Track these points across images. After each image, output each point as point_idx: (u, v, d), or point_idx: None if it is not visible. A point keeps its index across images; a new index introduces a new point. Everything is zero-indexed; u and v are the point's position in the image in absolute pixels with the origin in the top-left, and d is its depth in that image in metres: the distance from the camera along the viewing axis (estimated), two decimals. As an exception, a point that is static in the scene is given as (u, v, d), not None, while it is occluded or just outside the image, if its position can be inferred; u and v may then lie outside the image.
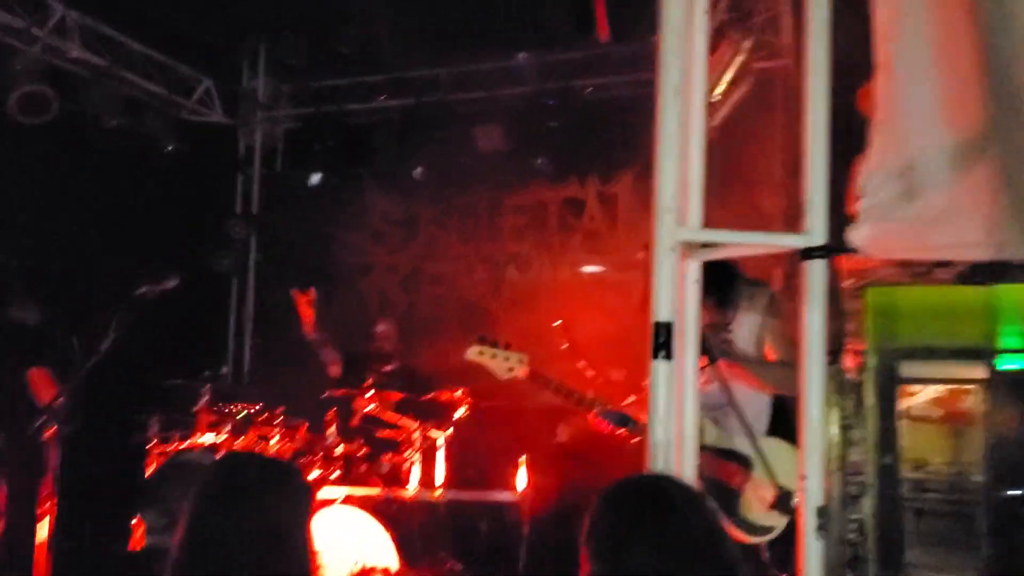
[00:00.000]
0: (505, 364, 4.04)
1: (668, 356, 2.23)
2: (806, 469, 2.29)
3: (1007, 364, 7.66)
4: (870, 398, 6.30)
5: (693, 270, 2.48)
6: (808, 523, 2.26)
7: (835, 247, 2.22)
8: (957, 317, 6.40)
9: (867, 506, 6.12)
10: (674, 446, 2.29)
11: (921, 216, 2.14)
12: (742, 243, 2.40)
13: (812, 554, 2.25)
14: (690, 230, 2.35)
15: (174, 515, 2.58)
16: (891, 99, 2.16)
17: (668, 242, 2.27)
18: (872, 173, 2.19)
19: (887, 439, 7.08)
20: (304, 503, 1.96)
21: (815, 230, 2.26)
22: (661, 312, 2.25)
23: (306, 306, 6.07)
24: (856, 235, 2.21)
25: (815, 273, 2.26)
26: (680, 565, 1.53)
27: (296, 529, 1.90)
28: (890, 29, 2.16)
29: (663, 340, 2.22)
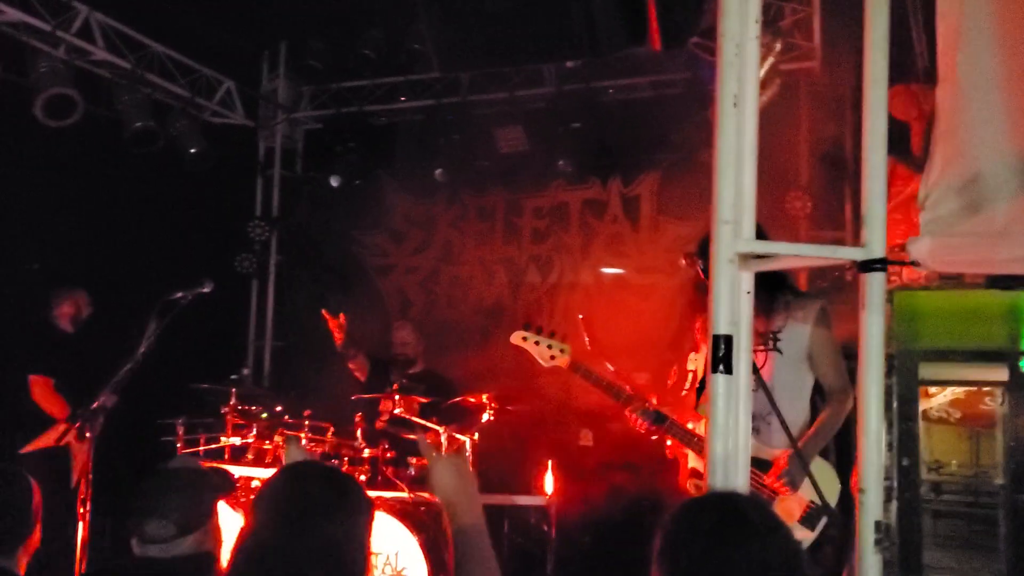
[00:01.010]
0: (548, 352, 4.03)
1: (728, 370, 2.21)
2: (864, 482, 2.27)
3: (1029, 367, 7.59)
4: (893, 401, 6.28)
5: (746, 281, 2.46)
6: (866, 537, 2.24)
7: (894, 260, 2.19)
8: (979, 320, 6.37)
9: (893, 510, 6.11)
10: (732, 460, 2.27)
11: (985, 230, 2.11)
12: (799, 255, 2.38)
13: (871, 568, 2.23)
14: (747, 242, 2.33)
15: (181, 524, 2.55)
16: (954, 110, 2.13)
17: (727, 254, 2.25)
18: (934, 186, 2.16)
19: (906, 441, 7.05)
20: (366, 520, 1.94)
21: (874, 243, 2.24)
22: (720, 325, 2.23)
23: (337, 330, 6.07)
24: (917, 248, 2.18)
25: (874, 285, 2.24)
26: None
27: (358, 547, 1.88)
28: (954, 39, 2.13)
29: (723, 353, 2.20)
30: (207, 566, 2.49)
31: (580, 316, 4.79)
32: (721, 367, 2.21)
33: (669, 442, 3.96)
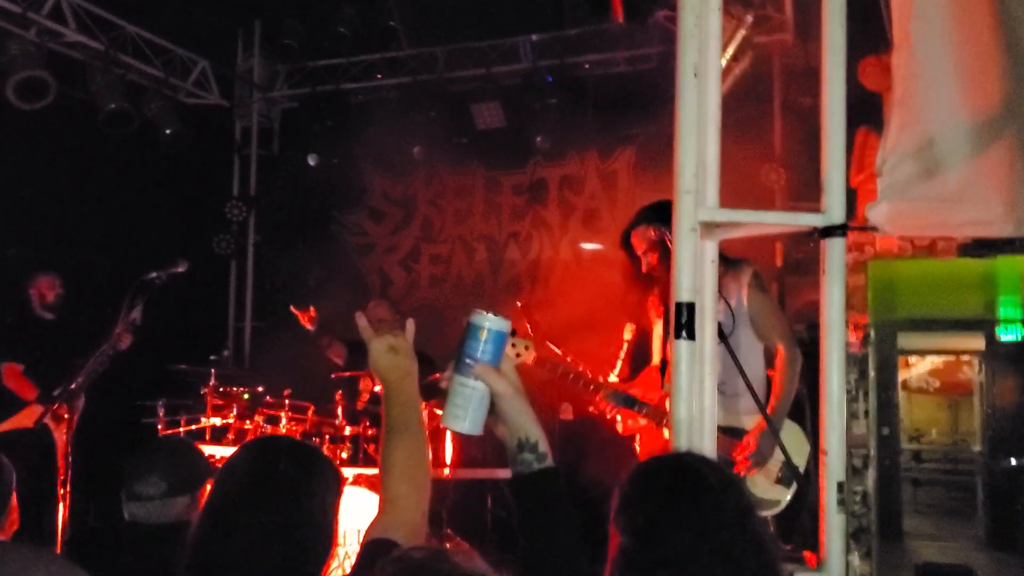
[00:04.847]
0: (512, 350, 4.05)
1: (691, 336, 2.24)
2: (826, 444, 2.32)
3: (1006, 334, 7.71)
4: (871, 371, 6.35)
5: (710, 250, 2.49)
6: (829, 498, 2.29)
7: (854, 225, 2.22)
8: (956, 289, 6.44)
9: (870, 478, 6.19)
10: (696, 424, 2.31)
11: (941, 194, 2.14)
12: (760, 222, 2.42)
13: (834, 528, 2.28)
14: (709, 210, 2.36)
15: (171, 482, 2.58)
16: (909, 77, 2.16)
17: (688, 223, 2.28)
18: (890, 152, 2.19)
19: (886, 411, 7.13)
20: (334, 496, 1.92)
21: (833, 208, 2.28)
22: (683, 292, 2.27)
23: (307, 323, 6.06)
24: (875, 214, 2.22)
25: (834, 251, 2.28)
26: (712, 543, 1.56)
27: (325, 523, 1.86)
28: (907, 5, 2.15)
29: (685, 320, 2.24)
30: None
31: (518, 304, 4.84)
32: (684, 333, 2.25)
33: (620, 418, 4.03)
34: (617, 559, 1.63)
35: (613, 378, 4.28)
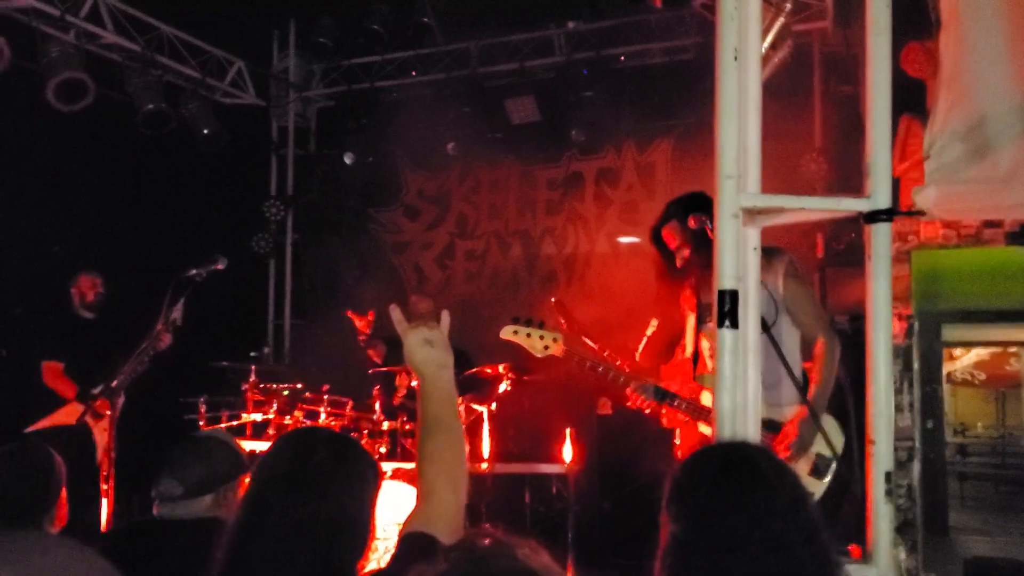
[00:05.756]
0: (540, 343, 4.00)
1: (734, 324, 2.20)
2: (874, 434, 2.27)
3: (1054, 325, 7.49)
4: (915, 363, 6.24)
5: (753, 237, 2.45)
6: (877, 488, 2.24)
7: (900, 210, 2.17)
8: (1003, 279, 6.30)
9: (915, 471, 6.09)
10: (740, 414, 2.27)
11: (991, 175, 2.08)
12: (804, 208, 2.37)
13: (883, 518, 2.24)
14: (751, 195, 2.32)
15: (189, 484, 2.59)
16: (957, 55, 2.10)
17: (730, 208, 2.24)
18: (938, 133, 2.13)
19: (930, 404, 7.00)
20: (372, 488, 1.90)
21: (879, 193, 2.23)
22: (725, 280, 2.23)
23: (364, 327, 6.05)
24: (922, 197, 2.16)
25: (880, 237, 2.23)
26: (764, 530, 1.53)
27: (362, 515, 1.84)
28: (955, -16, 2.10)
29: (728, 308, 2.20)
30: (216, 532, 2.52)
31: (553, 300, 4.79)
32: (727, 322, 2.21)
33: (664, 411, 3.97)
34: (668, 547, 1.60)
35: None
